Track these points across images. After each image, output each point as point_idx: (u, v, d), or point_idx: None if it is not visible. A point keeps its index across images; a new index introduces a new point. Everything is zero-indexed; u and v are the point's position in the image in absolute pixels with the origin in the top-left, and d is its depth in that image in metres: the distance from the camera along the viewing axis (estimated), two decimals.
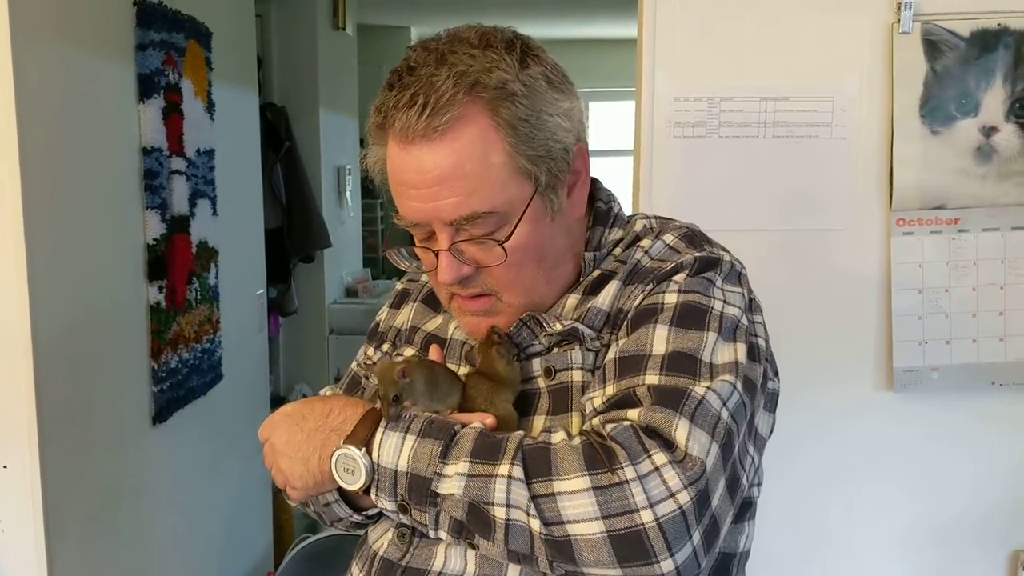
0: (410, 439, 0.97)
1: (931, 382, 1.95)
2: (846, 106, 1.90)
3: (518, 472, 0.91)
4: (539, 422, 1.06)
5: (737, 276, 1.09)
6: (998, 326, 1.93)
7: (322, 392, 1.32)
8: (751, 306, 1.10)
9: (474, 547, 0.96)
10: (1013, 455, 1.99)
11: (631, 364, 0.99)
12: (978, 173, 1.90)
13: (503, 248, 1.03)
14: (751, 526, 1.15)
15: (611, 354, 1.03)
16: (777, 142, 1.91)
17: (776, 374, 1.16)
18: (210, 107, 2.48)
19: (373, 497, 0.99)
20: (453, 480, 0.93)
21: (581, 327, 1.06)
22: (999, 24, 1.86)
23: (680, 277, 1.05)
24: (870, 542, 2.04)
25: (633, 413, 0.94)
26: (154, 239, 2.15)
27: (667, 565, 0.87)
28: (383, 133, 1.04)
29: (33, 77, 1.66)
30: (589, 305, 1.08)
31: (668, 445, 0.90)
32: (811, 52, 1.90)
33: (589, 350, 1.06)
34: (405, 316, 1.27)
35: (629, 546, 0.87)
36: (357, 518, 1.14)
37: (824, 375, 1.97)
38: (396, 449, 0.97)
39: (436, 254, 1.06)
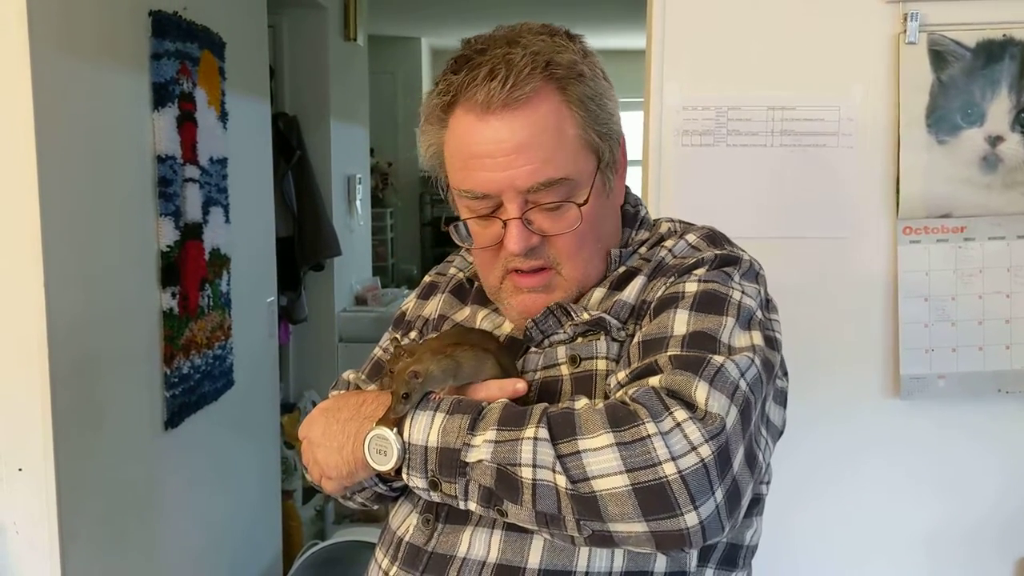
0: (439, 416, 1.00)
1: (937, 389, 1.96)
2: (852, 115, 1.92)
3: (543, 434, 0.94)
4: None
5: (755, 275, 1.13)
6: (1004, 334, 1.94)
7: (344, 375, 1.35)
8: (768, 305, 1.14)
9: (503, 514, 0.98)
10: (1019, 462, 2.00)
11: (653, 345, 1.03)
12: (984, 182, 1.91)
13: (580, 210, 1.08)
14: (759, 521, 1.18)
15: (635, 339, 1.07)
16: (784, 151, 1.93)
17: (786, 374, 1.19)
18: (223, 116, 2.51)
19: (405, 476, 1.02)
20: (481, 448, 0.96)
21: (608, 317, 1.10)
22: (1004, 35, 1.88)
23: (701, 271, 1.10)
24: (875, 549, 2.05)
25: (654, 379, 0.97)
26: (167, 246, 2.18)
27: (691, 519, 0.90)
28: (446, 114, 1.09)
29: (51, 85, 1.69)
30: (616, 298, 1.12)
31: (688, 405, 0.94)
32: (818, 62, 1.92)
33: (615, 340, 1.10)
34: (433, 307, 1.30)
35: (653, 498, 0.90)
36: (381, 488, 1.17)
37: (831, 382, 1.98)
38: (426, 427, 1.00)
39: (504, 225, 1.09)
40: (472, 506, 1.00)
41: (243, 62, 2.72)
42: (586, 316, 1.11)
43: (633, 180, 2.14)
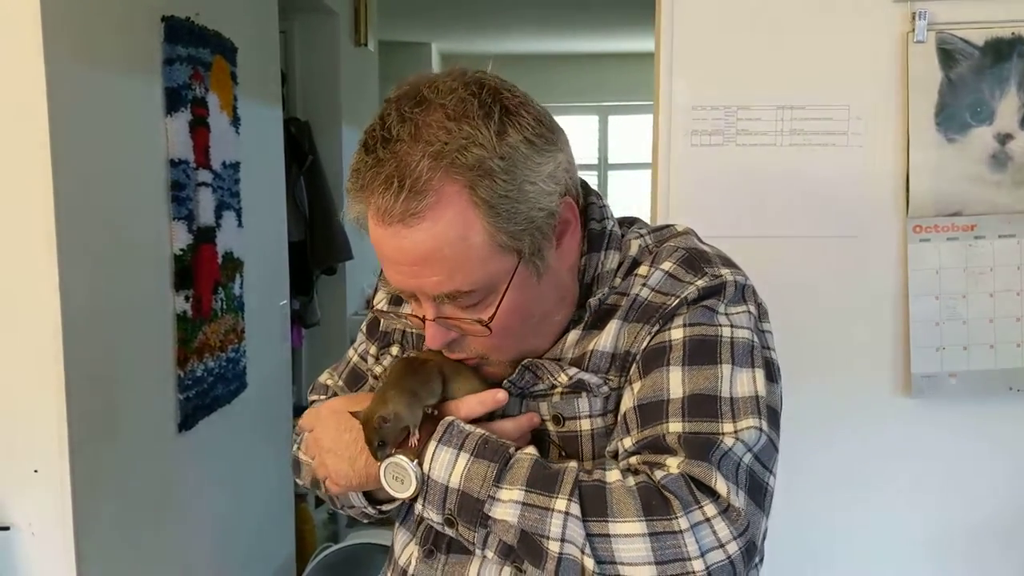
0: (463, 457, 0.98)
1: (949, 388, 1.95)
2: (862, 114, 1.92)
3: (575, 509, 0.92)
4: None
5: (740, 295, 1.07)
6: (1015, 332, 1.93)
7: (321, 379, 1.35)
8: (760, 318, 1.08)
9: (520, 570, 0.98)
10: None
11: (651, 411, 1.00)
12: (993, 180, 1.91)
13: (484, 327, 1.02)
14: (765, 521, 1.17)
15: (628, 403, 1.03)
16: (794, 150, 1.93)
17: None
18: (235, 121, 2.53)
19: (419, 508, 1.01)
20: (507, 507, 0.95)
21: (586, 377, 1.06)
22: (1013, 33, 1.88)
23: (684, 311, 1.04)
24: (886, 548, 2.04)
25: (672, 462, 0.95)
26: (181, 249, 2.19)
27: None
28: (363, 196, 0.99)
29: (64, 91, 1.70)
30: (591, 348, 1.07)
31: (714, 496, 0.93)
32: (827, 61, 1.92)
33: (596, 396, 1.06)
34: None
35: None
36: (370, 511, 1.17)
37: (842, 381, 1.98)
38: (448, 465, 0.98)
39: (423, 320, 1.05)
40: (488, 554, 0.98)
41: (255, 67, 2.74)
42: (564, 378, 1.06)
43: (643, 181, 2.15)
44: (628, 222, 1.18)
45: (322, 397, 1.34)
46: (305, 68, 4.18)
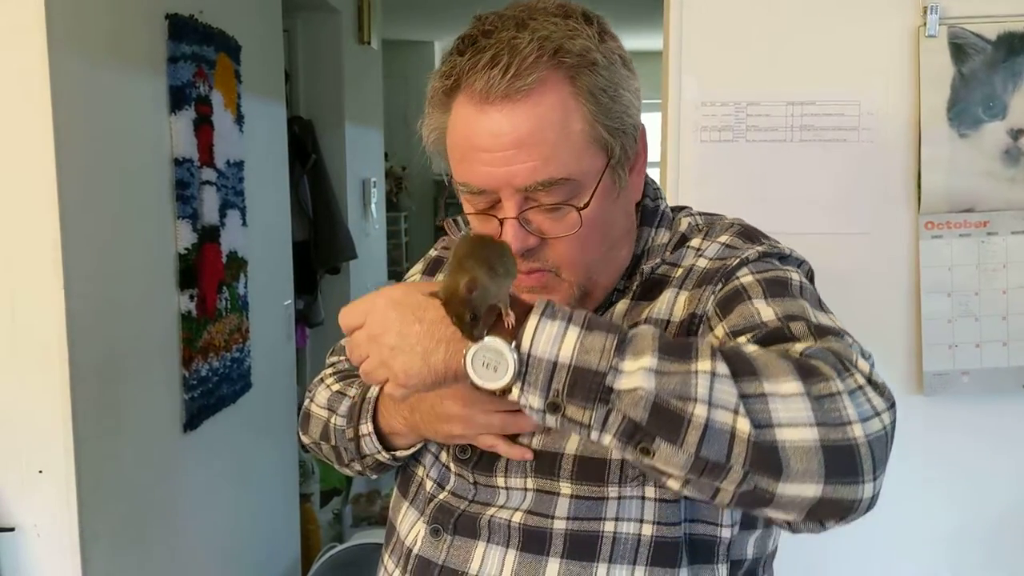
0: (574, 329, 0.85)
1: (961, 386, 1.93)
2: (873, 110, 1.90)
3: (723, 369, 0.81)
4: None
5: (798, 265, 1.09)
6: None
7: (342, 343, 1.30)
8: None
9: (648, 453, 0.82)
10: None
11: (748, 332, 0.94)
12: (1006, 176, 1.89)
13: (579, 215, 0.99)
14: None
15: (715, 336, 0.98)
16: (804, 146, 1.91)
17: None
18: (239, 119, 2.52)
19: (516, 394, 0.86)
20: (637, 375, 0.81)
21: None
22: None
23: (746, 269, 1.04)
24: (897, 548, 2.03)
25: (802, 345, 0.88)
26: (185, 248, 2.18)
27: (868, 489, 0.81)
28: (449, 99, 1.01)
29: (69, 89, 1.70)
30: (644, 316, 1.05)
31: (860, 370, 0.85)
32: (837, 56, 1.90)
33: None
34: None
35: (841, 460, 0.80)
36: (383, 457, 1.12)
37: None
38: (556, 339, 0.84)
39: (501, 223, 1.01)
40: (606, 439, 0.84)
41: (259, 65, 2.73)
42: None
43: (651, 178, 2.13)
44: (678, 208, 1.21)
45: (342, 359, 1.31)
46: (308, 66, 4.18)
